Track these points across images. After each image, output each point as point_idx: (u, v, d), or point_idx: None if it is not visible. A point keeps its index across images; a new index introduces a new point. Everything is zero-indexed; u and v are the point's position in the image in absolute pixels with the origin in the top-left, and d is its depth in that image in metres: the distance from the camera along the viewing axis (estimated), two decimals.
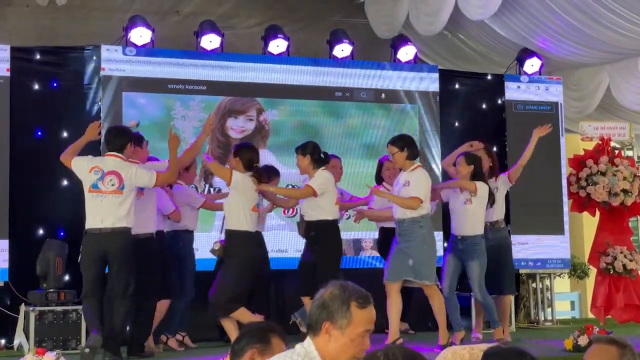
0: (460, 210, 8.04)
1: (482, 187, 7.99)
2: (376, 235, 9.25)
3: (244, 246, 7.23)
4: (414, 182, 7.51)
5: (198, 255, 8.33)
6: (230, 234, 7.28)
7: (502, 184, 8.53)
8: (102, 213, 6.99)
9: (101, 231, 6.97)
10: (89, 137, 7.45)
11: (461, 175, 8.04)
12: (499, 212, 8.39)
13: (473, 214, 7.98)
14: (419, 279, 7.49)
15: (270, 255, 8.27)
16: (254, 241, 7.35)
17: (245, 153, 7.41)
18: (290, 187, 8.94)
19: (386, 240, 8.29)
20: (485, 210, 8.10)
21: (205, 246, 8.16)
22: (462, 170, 8.05)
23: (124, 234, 7.00)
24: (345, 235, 8.55)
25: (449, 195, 8.28)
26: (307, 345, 3.11)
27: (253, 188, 7.28)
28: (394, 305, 7.47)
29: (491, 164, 8.50)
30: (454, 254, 8.06)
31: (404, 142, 7.67)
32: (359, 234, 9.64)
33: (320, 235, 7.59)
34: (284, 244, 9.33)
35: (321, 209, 7.56)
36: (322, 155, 7.73)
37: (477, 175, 8.02)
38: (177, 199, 7.97)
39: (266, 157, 8.23)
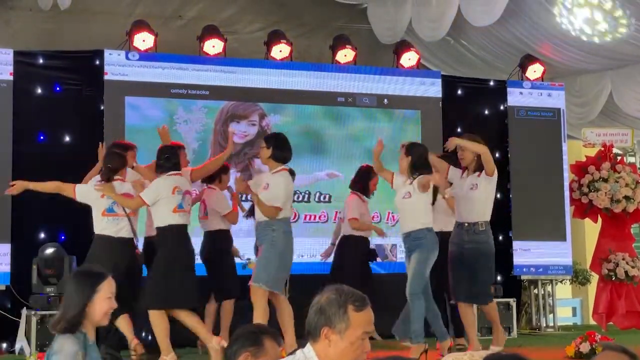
0: (400, 206, 7.47)
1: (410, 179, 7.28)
2: (378, 241, 9.24)
3: None
4: (273, 187, 7.04)
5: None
6: None
7: (483, 181, 7.44)
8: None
9: None
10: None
11: (402, 167, 7.46)
12: (479, 213, 7.39)
13: (412, 208, 7.27)
14: (252, 280, 7.03)
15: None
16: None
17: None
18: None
19: None
20: (429, 204, 7.30)
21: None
22: (400, 162, 7.45)
23: None
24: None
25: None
26: (307, 351, 3.10)
27: None
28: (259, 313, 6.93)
29: (477, 158, 7.60)
30: (407, 257, 7.41)
31: (274, 141, 7.19)
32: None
33: None
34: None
35: None
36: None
37: (418, 167, 7.30)
38: (207, 202, 7.97)
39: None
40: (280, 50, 9.70)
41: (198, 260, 7.51)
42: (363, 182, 8.39)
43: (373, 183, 8.40)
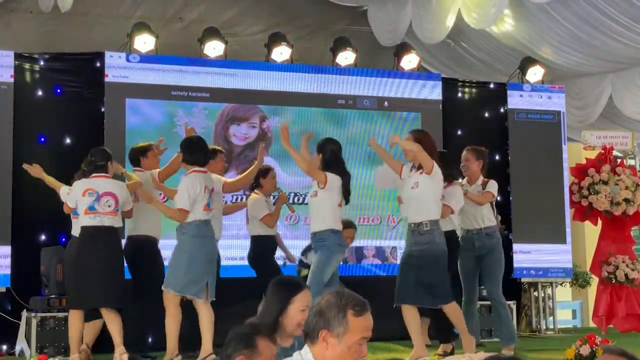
0: (309, 205, 7.38)
1: (332, 179, 7.09)
2: (378, 243, 9.25)
3: None
4: (179, 190, 7.04)
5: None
6: None
7: (423, 180, 7.08)
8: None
9: None
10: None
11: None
12: (422, 213, 7.06)
13: (318, 207, 7.14)
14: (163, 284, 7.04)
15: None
16: None
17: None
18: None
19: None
20: (338, 204, 7.13)
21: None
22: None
23: None
24: None
25: None
26: (305, 353, 3.10)
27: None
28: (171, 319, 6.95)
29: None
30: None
31: (184, 145, 7.18)
32: (361, 242, 9.63)
33: None
34: None
35: None
36: None
37: (328, 166, 7.18)
38: (248, 208, 8.29)
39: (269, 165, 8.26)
40: (280, 53, 9.71)
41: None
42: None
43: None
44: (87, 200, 6.92)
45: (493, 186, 7.94)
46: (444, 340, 7.55)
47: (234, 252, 8.96)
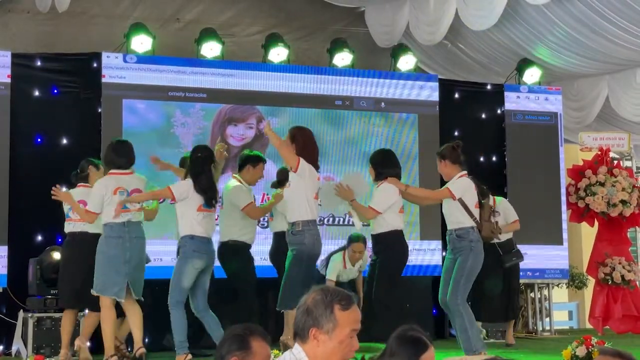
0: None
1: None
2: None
3: None
4: (91, 192, 7.10)
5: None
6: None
7: (293, 178, 7.16)
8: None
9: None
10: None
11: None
12: (294, 213, 7.06)
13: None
14: None
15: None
16: None
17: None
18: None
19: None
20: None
21: None
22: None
23: None
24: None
25: None
26: (297, 352, 3.11)
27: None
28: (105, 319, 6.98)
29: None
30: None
31: (105, 149, 7.30)
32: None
33: None
34: None
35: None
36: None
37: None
38: None
39: (266, 166, 8.23)
40: (278, 54, 9.71)
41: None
42: None
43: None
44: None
45: (453, 183, 7.33)
46: None
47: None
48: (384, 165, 7.48)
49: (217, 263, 7.71)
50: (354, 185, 7.56)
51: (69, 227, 7.44)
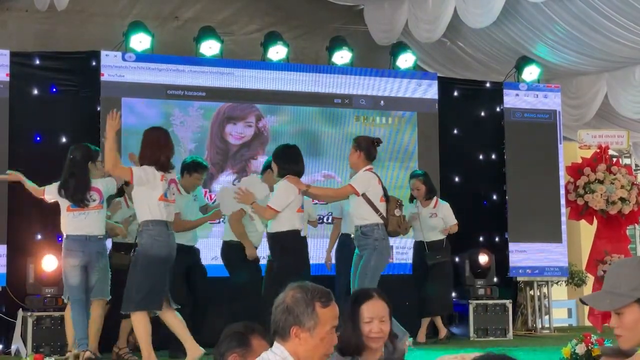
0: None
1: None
2: None
3: None
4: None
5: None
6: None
7: None
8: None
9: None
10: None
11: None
12: (138, 214, 6.89)
13: None
14: None
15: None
16: None
17: None
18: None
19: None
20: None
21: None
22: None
23: None
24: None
25: None
26: (280, 351, 3.09)
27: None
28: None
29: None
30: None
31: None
32: None
33: None
34: None
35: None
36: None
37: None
38: None
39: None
40: (276, 52, 9.71)
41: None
42: None
43: None
44: None
45: (355, 179, 7.24)
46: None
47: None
48: (286, 161, 7.23)
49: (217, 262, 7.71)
50: (253, 188, 7.50)
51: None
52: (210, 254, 8.67)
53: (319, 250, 9.09)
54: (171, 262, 6.74)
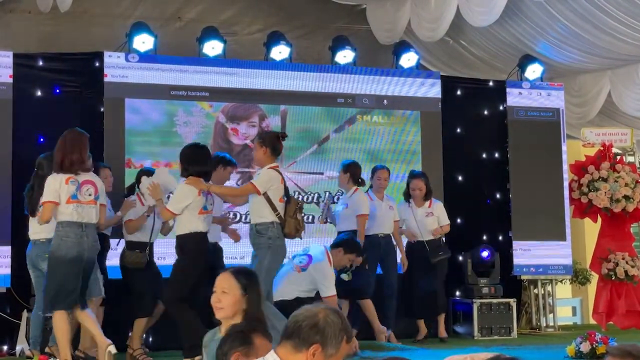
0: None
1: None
2: None
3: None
4: None
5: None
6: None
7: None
8: None
9: None
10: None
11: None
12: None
13: None
14: None
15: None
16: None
17: None
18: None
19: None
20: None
21: None
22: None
23: None
24: None
25: None
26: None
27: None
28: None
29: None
30: None
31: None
32: None
33: None
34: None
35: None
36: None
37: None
38: None
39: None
40: (279, 52, 9.71)
41: None
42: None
43: None
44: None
45: (258, 178, 7.09)
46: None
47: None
48: (190, 161, 7.03)
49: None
50: (164, 181, 7.35)
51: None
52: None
53: None
54: (83, 263, 6.67)
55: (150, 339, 8.42)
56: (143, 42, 9.13)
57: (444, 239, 9.31)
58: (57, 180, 6.67)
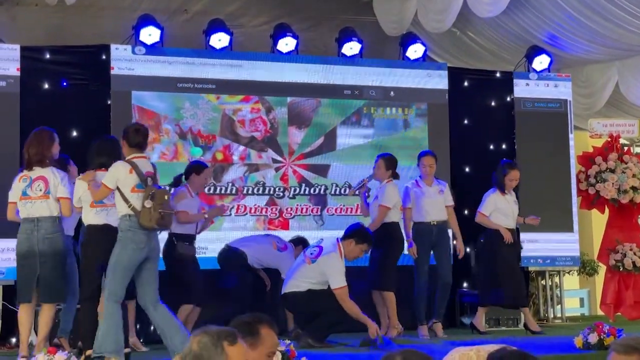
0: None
1: None
2: None
3: None
4: None
5: None
6: None
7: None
8: None
9: None
10: None
11: None
12: None
13: None
14: None
15: None
16: None
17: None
18: None
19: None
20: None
21: None
22: None
23: None
24: None
25: None
26: None
27: None
28: None
29: None
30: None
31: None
32: None
33: None
34: None
35: None
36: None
37: None
38: None
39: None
40: (286, 44, 9.70)
41: None
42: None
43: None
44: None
45: (107, 174, 6.66)
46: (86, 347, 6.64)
47: None
48: (95, 154, 6.89)
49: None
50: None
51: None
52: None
53: None
54: (36, 257, 6.66)
55: (150, 331, 8.40)
56: (149, 34, 9.13)
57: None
58: (16, 179, 6.86)
